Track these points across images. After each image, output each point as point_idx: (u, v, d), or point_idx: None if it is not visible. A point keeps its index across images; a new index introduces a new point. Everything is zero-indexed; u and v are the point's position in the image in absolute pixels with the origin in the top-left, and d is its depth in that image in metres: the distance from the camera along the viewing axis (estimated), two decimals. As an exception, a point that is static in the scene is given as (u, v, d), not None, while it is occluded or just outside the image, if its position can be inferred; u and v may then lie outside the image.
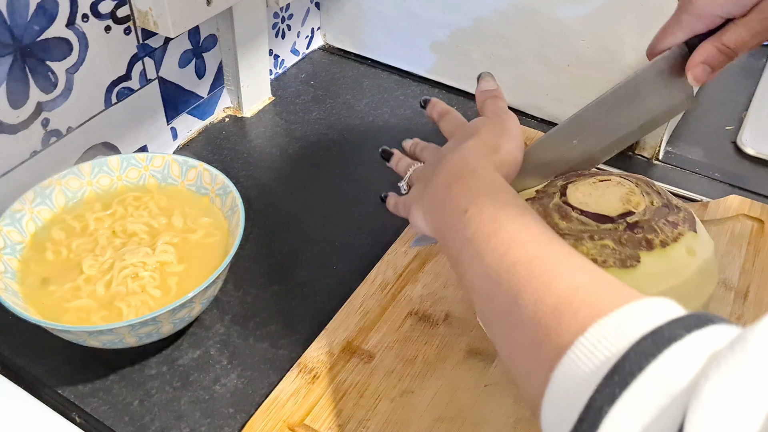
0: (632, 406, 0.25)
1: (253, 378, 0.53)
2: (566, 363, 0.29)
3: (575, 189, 0.50)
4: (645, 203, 0.49)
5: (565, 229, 0.48)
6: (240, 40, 0.76)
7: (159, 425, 0.50)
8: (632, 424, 0.25)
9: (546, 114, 0.82)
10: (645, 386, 0.25)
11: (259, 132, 0.80)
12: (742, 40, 0.46)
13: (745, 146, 0.79)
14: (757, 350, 0.24)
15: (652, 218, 0.48)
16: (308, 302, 0.60)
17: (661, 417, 0.24)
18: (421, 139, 0.57)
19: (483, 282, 0.37)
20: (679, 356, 0.26)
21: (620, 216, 0.48)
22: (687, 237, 0.48)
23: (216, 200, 0.59)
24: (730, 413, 0.23)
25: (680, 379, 0.25)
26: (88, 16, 0.59)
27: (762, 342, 0.24)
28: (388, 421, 0.50)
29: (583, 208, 0.49)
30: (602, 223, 0.48)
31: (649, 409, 0.25)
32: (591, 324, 0.29)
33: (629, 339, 0.27)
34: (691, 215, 0.50)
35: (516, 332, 0.33)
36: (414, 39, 0.87)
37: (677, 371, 0.25)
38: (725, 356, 0.24)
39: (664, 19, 0.50)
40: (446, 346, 0.55)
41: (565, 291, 0.32)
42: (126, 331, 0.48)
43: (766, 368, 0.23)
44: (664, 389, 0.25)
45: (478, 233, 0.38)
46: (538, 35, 0.77)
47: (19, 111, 0.57)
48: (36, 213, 0.57)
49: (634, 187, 0.50)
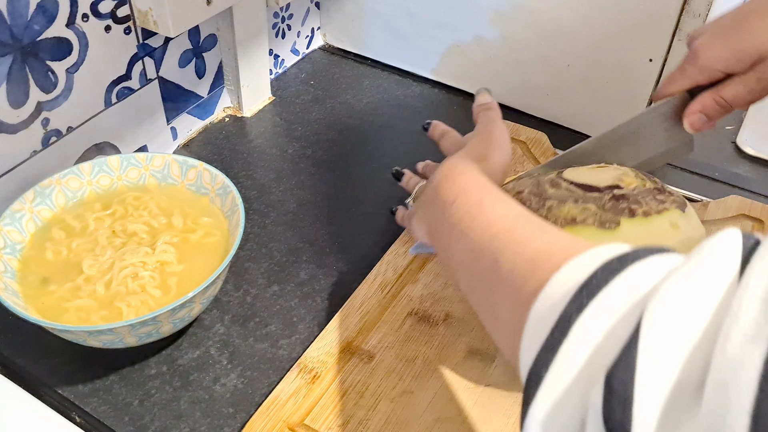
0: (598, 312, 0.27)
1: (253, 378, 0.53)
2: (542, 297, 0.30)
3: (573, 170, 0.52)
4: (636, 183, 0.49)
5: (552, 194, 0.49)
6: (240, 39, 0.76)
7: (159, 425, 0.50)
8: (598, 327, 0.27)
9: (546, 114, 0.82)
10: (610, 295, 0.27)
11: (259, 132, 0.80)
12: (738, 96, 0.50)
13: (745, 146, 0.79)
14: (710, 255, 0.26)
15: (640, 194, 0.48)
16: (308, 302, 0.60)
17: (623, 319, 0.26)
18: (430, 161, 0.61)
19: (467, 255, 0.39)
20: (642, 270, 0.28)
21: (608, 188, 0.48)
22: (673, 213, 0.47)
23: (216, 200, 0.59)
24: (683, 305, 0.25)
25: (642, 287, 0.27)
26: (88, 15, 0.59)
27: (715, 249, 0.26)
28: (388, 421, 0.50)
29: (573, 180, 0.50)
30: (589, 191, 0.48)
31: (614, 314, 0.27)
32: (565, 263, 0.31)
33: (598, 263, 0.29)
34: (683, 201, 0.50)
35: (496, 288, 0.35)
36: (414, 39, 0.87)
37: (639, 281, 0.27)
38: (683, 264, 0.26)
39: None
40: (446, 347, 0.55)
41: (541, 245, 0.34)
42: (126, 331, 0.48)
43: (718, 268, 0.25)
44: (627, 296, 0.27)
45: (465, 217, 0.40)
46: (538, 35, 0.77)
47: (19, 111, 0.57)
48: (36, 213, 0.57)
49: (629, 171, 0.51)
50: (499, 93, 0.85)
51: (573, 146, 0.57)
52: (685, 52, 0.53)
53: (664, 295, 0.25)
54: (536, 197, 0.50)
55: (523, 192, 0.51)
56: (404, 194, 0.59)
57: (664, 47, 0.70)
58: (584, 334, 0.27)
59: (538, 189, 0.50)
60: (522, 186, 0.52)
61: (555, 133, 0.79)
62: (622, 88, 0.75)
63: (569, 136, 0.80)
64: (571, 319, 0.27)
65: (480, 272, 0.37)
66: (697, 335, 0.24)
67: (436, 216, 0.44)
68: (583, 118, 0.80)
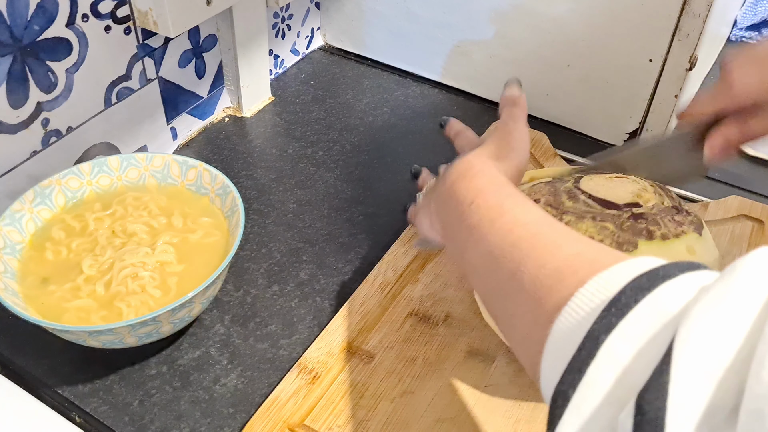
0: (627, 332, 0.26)
1: (253, 378, 0.53)
2: (566, 313, 0.29)
3: (589, 179, 0.51)
4: (655, 200, 0.49)
5: (570, 208, 0.48)
6: (240, 40, 0.76)
7: (159, 425, 0.50)
8: (627, 348, 0.26)
9: (546, 114, 0.82)
10: (639, 315, 0.27)
11: (259, 132, 0.80)
12: (764, 128, 0.49)
13: (745, 146, 0.79)
14: (742, 276, 0.25)
15: (659, 214, 0.48)
16: (308, 302, 0.60)
17: (653, 340, 0.26)
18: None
19: (486, 260, 0.38)
20: (672, 290, 0.27)
21: (627, 205, 0.48)
22: (690, 236, 0.47)
23: (216, 200, 0.59)
24: (716, 329, 0.24)
25: (672, 307, 0.26)
26: (88, 16, 0.59)
27: (748, 268, 0.25)
28: (388, 421, 0.50)
29: (592, 193, 0.49)
30: (607, 208, 0.48)
31: (643, 335, 0.26)
32: (591, 277, 0.30)
33: (626, 279, 0.28)
34: (700, 222, 0.50)
35: (516, 298, 0.34)
36: (414, 39, 0.87)
37: (670, 301, 0.27)
38: (714, 284, 0.26)
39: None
40: (446, 347, 0.55)
41: (567, 256, 0.33)
42: (126, 331, 0.48)
43: (751, 289, 0.25)
44: (657, 316, 0.26)
45: (484, 219, 0.39)
46: (537, 35, 0.77)
47: (19, 111, 0.57)
48: (36, 213, 0.57)
49: (647, 185, 0.50)
50: (499, 93, 0.85)
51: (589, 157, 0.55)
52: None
53: (696, 318, 0.25)
54: (553, 209, 0.49)
55: (540, 201, 0.50)
56: (407, 194, 0.59)
57: (664, 47, 0.69)
58: (613, 355, 0.26)
59: (555, 200, 0.50)
60: (538, 194, 0.51)
61: (555, 133, 0.79)
62: (622, 88, 0.75)
63: (569, 136, 0.80)
64: (599, 339, 0.27)
65: (499, 280, 0.36)
66: (730, 359, 0.24)
67: (452, 217, 0.43)
68: (583, 118, 0.80)
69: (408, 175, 0.60)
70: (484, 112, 0.84)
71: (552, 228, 0.36)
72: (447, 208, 0.44)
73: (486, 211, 0.39)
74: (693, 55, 0.68)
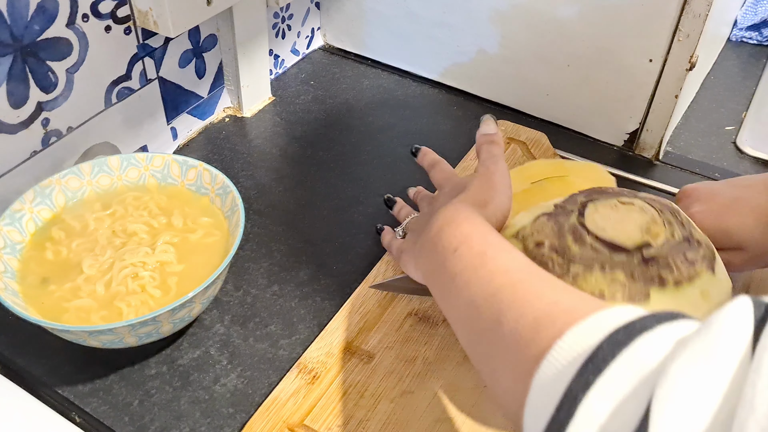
0: (605, 391, 0.26)
1: (253, 378, 0.53)
2: (545, 366, 0.29)
3: (595, 210, 0.48)
4: (665, 235, 0.46)
5: (577, 255, 0.46)
6: (240, 40, 0.76)
7: (159, 425, 0.50)
8: (605, 407, 0.26)
9: (546, 114, 0.82)
10: (617, 372, 0.27)
11: (259, 132, 0.80)
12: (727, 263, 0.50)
13: (745, 146, 0.79)
14: (719, 331, 0.25)
15: (670, 253, 0.45)
16: (308, 302, 0.60)
17: (631, 398, 0.26)
18: (422, 187, 0.62)
19: (468, 309, 0.38)
20: (649, 343, 0.27)
21: (637, 248, 0.45)
22: (703, 278, 0.45)
23: (216, 200, 0.59)
24: (694, 389, 0.24)
25: (649, 363, 0.26)
26: (88, 16, 0.59)
27: (724, 324, 0.25)
28: (388, 421, 0.50)
29: (599, 234, 0.46)
30: (615, 252, 0.45)
31: (621, 393, 0.26)
32: (568, 329, 0.30)
33: (603, 333, 0.28)
34: (711, 252, 0.48)
35: (497, 350, 0.34)
36: (414, 39, 0.87)
37: (647, 356, 0.26)
38: (691, 339, 0.26)
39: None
40: (446, 347, 0.55)
41: (545, 306, 0.33)
42: (126, 331, 0.48)
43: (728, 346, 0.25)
44: (634, 373, 0.26)
45: (468, 267, 0.39)
46: (537, 35, 0.77)
47: (19, 111, 0.57)
48: (36, 213, 0.57)
49: (656, 215, 0.47)
50: (499, 93, 0.86)
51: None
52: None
53: (674, 377, 0.25)
54: (559, 257, 0.46)
55: (544, 245, 0.47)
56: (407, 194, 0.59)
57: (664, 47, 0.70)
58: (591, 415, 0.26)
59: (560, 243, 0.47)
60: (541, 234, 0.48)
61: (555, 133, 0.79)
62: (622, 88, 0.75)
63: (569, 136, 0.80)
64: (577, 397, 0.27)
65: (481, 330, 0.36)
66: (708, 421, 0.23)
67: (436, 263, 0.43)
68: (583, 118, 0.80)
69: (408, 174, 0.60)
70: (484, 112, 0.83)
71: (532, 275, 0.36)
72: (433, 254, 0.44)
73: (469, 260, 0.40)
74: (693, 56, 0.68)
